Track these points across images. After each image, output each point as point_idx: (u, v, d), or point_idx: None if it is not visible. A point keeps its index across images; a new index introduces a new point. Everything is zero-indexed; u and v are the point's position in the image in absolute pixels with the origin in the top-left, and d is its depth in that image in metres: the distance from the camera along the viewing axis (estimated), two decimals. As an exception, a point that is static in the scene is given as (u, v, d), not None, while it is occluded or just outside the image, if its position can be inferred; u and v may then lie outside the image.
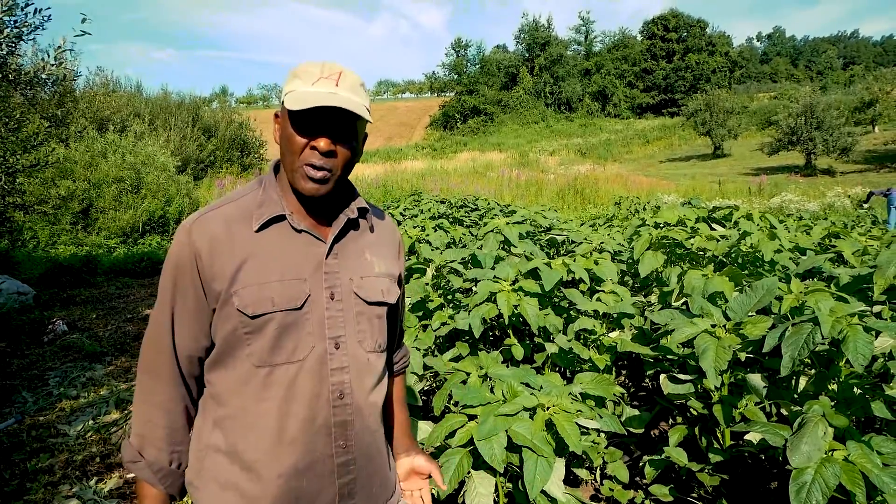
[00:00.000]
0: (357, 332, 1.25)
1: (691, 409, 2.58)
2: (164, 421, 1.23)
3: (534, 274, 3.11)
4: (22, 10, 5.86)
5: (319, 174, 1.15)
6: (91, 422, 4.03)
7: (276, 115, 1.23)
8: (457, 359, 2.91)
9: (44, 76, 6.50)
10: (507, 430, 1.79)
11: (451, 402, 2.62)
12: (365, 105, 1.17)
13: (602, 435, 2.80)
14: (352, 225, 1.30)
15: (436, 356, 2.96)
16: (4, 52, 5.95)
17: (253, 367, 1.17)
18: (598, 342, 2.96)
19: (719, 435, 2.44)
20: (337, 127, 1.16)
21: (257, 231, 1.19)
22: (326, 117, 1.14)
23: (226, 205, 1.22)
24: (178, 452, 1.26)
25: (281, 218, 1.21)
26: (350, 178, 1.32)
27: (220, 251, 1.16)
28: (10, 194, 7.11)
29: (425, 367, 2.77)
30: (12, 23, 5.97)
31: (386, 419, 1.49)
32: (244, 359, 1.17)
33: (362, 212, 1.33)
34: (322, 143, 1.14)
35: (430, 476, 1.51)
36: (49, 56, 6.49)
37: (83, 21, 6.37)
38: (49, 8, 6.06)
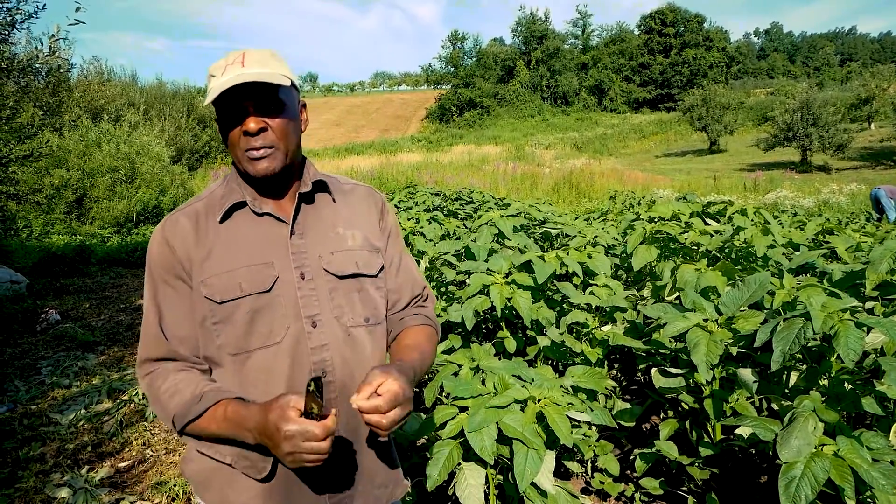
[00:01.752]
0: (333, 308, 1.24)
1: (682, 403, 2.59)
2: (190, 378, 1.19)
3: (527, 267, 3.11)
4: (16, -3, 5.82)
5: (260, 153, 1.17)
6: (83, 411, 4.02)
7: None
8: (449, 351, 2.92)
9: (37, 65, 6.46)
10: (497, 423, 1.79)
11: (443, 393, 2.62)
12: (279, 72, 1.17)
13: (593, 428, 2.81)
14: (305, 199, 1.29)
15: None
16: (-2, 40, 5.91)
17: (229, 356, 1.18)
18: (591, 336, 2.96)
19: (710, 429, 2.44)
20: (258, 104, 1.16)
21: (221, 221, 1.21)
22: (243, 99, 1.15)
23: (195, 202, 1.26)
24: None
25: (242, 204, 1.24)
26: (345, 169, 1.31)
27: (189, 245, 1.19)
28: (3, 183, 7.07)
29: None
30: (6, 10, 5.92)
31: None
32: (216, 350, 1.19)
33: (319, 185, 1.31)
34: (250, 124, 1.15)
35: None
36: (42, 45, 6.45)
37: (77, 10, 6.32)
38: (43, -5, 6.02)
